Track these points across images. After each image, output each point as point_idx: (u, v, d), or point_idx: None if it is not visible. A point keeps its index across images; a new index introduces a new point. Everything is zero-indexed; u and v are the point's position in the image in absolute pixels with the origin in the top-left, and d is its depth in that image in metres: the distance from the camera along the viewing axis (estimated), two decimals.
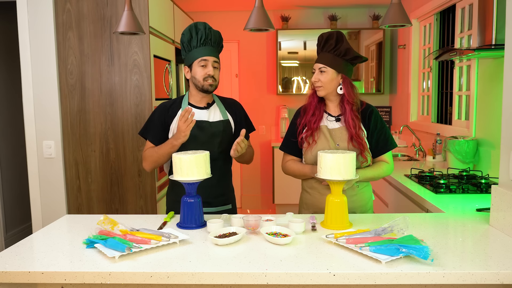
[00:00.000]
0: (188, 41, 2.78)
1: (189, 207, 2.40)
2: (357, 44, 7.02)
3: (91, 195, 4.06)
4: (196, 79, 2.79)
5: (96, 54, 3.95)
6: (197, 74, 2.78)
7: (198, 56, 2.77)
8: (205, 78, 2.77)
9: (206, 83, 2.78)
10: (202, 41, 2.77)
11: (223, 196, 2.94)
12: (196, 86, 2.82)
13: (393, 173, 4.09)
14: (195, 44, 2.77)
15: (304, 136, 2.82)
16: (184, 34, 2.79)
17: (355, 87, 2.79)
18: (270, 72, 7.38)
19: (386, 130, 2.85)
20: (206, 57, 2.77)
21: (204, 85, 2.79)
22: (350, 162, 2.33)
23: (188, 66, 2.84)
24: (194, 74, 2.79)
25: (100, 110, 3.99)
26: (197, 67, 2.78)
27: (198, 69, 2.78)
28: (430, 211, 3.00)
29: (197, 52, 2.77)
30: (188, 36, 2.78)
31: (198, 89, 2.82)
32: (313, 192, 2.85)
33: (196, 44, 2.77)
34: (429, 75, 5.57)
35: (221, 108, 2.94)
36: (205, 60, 2.77)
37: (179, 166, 2.36)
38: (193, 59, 2.78)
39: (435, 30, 5.41)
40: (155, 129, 2.88)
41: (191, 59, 2.79)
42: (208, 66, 2.78)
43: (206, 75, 2.77)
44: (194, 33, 2.77)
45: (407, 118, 6.12)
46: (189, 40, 2.78)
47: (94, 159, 4.02)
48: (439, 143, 4.69)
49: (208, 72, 2.77)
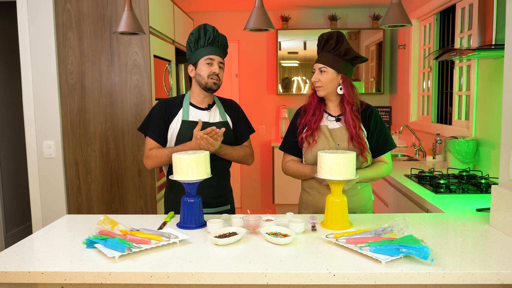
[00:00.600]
0: (196, 40, 2.81)
1: (189, 207, 2.40)
2: (357, 44, 7.03)
3: (91, 195, 4.06)
4: (201, 76, 2.81)
5: (96, 54, 3.95)
6: (202, 71, 2.80)
7: (204, 54, 2.80)
8: (210, 76, 2.79)
9: (210, 81, 2.80)
10: (210, 41, 2.80)
11: (222, 197, 2.95)
12: (200, 84, 2.83)
13: (393, 173, 4.09)
14: (202, 44, 2.80)
15: (304, 136, 2.82)
16: (193, 33, 2.81)
17: (355, 87, 2.80)
18: (270, 72, 7.38)
19: (386, 131, 2.85)
20: (212, 56, 2.80)
21: (208, 82, 2.80)
22: (350, 162, 2.34)
23: (193, 65, 2.85)
24: (199, 72, 2.81)
25: (100, 110, 3.98)
26: (203, 65, 2.80)
27: (203, 67, 2.80)
28: (430, 211, 3.00)
29: (204, 50, 2.80)
30: (196, 35, 2.80)
31: (202, 87, 2.83)
32: (313, 192, 2.86)
33: (203, 43, 2.80)
34: (429, 75, 5.57)
35: (220, 110, 2.96)
36: (211, 59, 2.80)
37: (179, 166, 2.36)
38: (199, 57, 2.81)
39: (435, 30, 5.41)
40: (155, 125, 2.88)
41: (197, 57, 2.81)
42: (214, 65, 2.81)
43: (211, 73, 2.79)
44: (202, 33, 2.80)
45: (407, 118, 6.12)
46: (197, 39, 2.80)
47: (94, 159, 4.02)
48: (439, 143, 4.69)
49: (213, 70, 2.80)
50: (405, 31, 6.30)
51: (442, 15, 5.28)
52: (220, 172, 2.91)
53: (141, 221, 2.54)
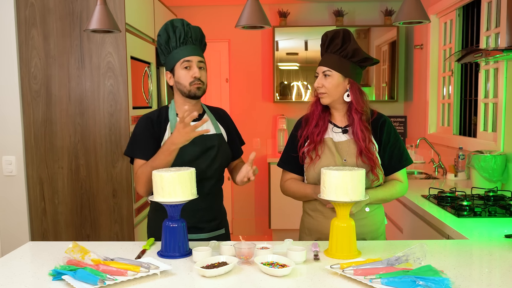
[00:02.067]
0: (166, 42, 2.77)
1: (171, 232, 2.40)
2: (367, 44, 7.06)
3: (58, 219, 4.05)
4: (181, 84, 2.77)
5: (64, 56, 3.96)
6: (181, 78, 2.76)
7: (179, 57, 2.76)
8: (191, 82, 2.76)
9: (193, 87, 2.76)
10: (181, 40, 2.76)
11: (216, 220, 2.94)
12: (182, 92, 2.80)
13: (409, 193, 4.10)
14: (174, 45, 2.76)
15: (306, 150, 2.83)
16: (160, 35, 2.78)
17: (365, 94, 2.81)
18: (265, 76, 7.41)
19: (401, 144, 2.86)
20: (189, 57, 2.76)
21: (191, 90, 2.76)
22: (359, 180, 2.34)
23: (170, 71, 2.82)
24: (178, 79, 2.78)
25: (69, 120, 3.99)
26: (180, 70, 2.76)
27: (181, 73, 2.76)
28: (452, 237, 3.01)
29: (177, 53, 2.76)
30: (165, 36, 2.76)
31: (185, 96, 2.80)
32: (316, 215, 2.86)
33: (175, 44, 2.76)
34: (450, 80, 5.61)
35: (212, 120, 2.94)
36: (188, 61, 2.75)
37: (160, 185, 2.35)
38: (175, 62, 2.77)
39: (457, 27, 5.45)
40: (144, 143, 2.80)
41: (172, 62, 2.78)
42: (192, 67, 2.76)
43: (192, 78, 2.75)
44: (171, 32, 2.75)
45: (424, 130, 6.15)
46: (167, 40, 2.77)
47: (62, 177, 4.03)
48: (462, 158, 4.71)
49: (193, 74, 2.75)
50: (422, 28, 6.35)
51: (466, 10, 5.32)
52: (214, 192, 2.91)
53: (116, 249, 2.54)
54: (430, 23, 5.87)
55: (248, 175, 2.66)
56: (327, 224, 2.73)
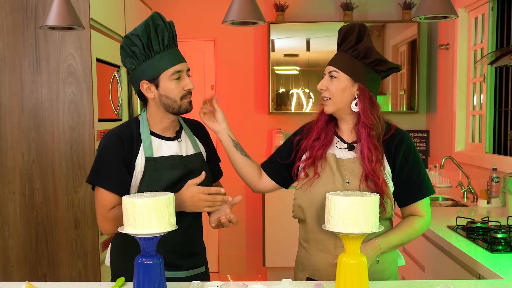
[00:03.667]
0: (147, 45, 2.67)
1: (146, 271, 2.39)
2: (381, 43, 7.04)
3: (8, 255, 4.04)
4: (170, 98, 2.71)
5: (16, 57, 3.97)
6: (171, 92, 2.70)
7: (166, 66, 2.68)
8: (183, 96, 2.72)
9: (184, 102, 2.73)
10: (166, 42, 2.68)
11: (196, 256, 2.95)
12: (167, 107, 2.74)
13: (432, 223, 4.07)
14: (157, 48, 2.67)
15: (303, 165, 2.82)
16: (138, 34, 2.66)
17: (377, 105, 2.75)
18: (259, 82, 7.39)
19: (421, 168, 2.78)
20: (179, 66, 2.71)
21: (182, 105, 2.73)
22: (372, 207, 2.31)
23: (149, 81, 2.74)
24: (166, 92, 2.70)
25: (22, 135, 3.99)
26: (169, 82, 2.69)
27: (170, 85, 2.70)
28: (484, 277, 3.02)
29: (163, 59, 2.68)
30: (145, 37, 2.65)
31: (172, 111, 2.75)
32: (309, 246, 2.82)
33: (158, 48, 2.67)
34: (482, 87, 5.62)
35: (191, 137, 2.93)
36: (179, 72, 2.71)
37: (131, 213, 2.31)
38: (160, 71, 2.69)
39: (491, 23, 5.46)
40: (112, 170, 2.75)
41: (155, 71, 2.69)
42: (184, 78, 2.73)
43: (184, 91, 2.73)
44: (153, 32, 2.65)
45: (451, 147, 6.16)
46: (147, 43, 2.66)
47: (13, 204, 4.02)
48: (496, 181, 4.72)
49: (185, 86, 2.72)
50: (448, 25, 6.37)
51: (501, 3, 5.33)
52: (194, 223, 2.92)
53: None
54: (458, 19, 5.90)
55: (228, 217, 2.75)
56: (322, 259, 2.72)
